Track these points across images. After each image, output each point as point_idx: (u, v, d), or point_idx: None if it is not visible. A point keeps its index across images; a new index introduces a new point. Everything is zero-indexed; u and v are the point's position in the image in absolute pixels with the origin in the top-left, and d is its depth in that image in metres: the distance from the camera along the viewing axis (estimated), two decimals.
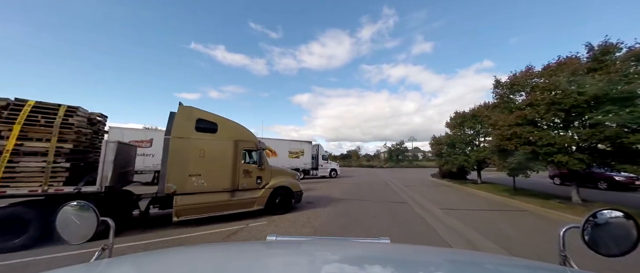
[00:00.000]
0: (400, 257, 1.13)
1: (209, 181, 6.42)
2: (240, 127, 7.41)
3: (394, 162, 58.45)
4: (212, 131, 6.70)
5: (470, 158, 14.42)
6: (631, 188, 14.11)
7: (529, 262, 1.03)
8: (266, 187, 7.53)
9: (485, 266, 1.01)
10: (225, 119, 7.11)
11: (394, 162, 58.13)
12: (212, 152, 6.55)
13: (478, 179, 15.87)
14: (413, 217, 7.92)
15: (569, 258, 0.98)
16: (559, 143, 7.55)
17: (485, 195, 12.48)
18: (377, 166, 55.44)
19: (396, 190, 14.24)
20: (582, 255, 1.19)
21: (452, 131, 16.18)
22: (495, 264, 1.05)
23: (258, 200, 7.27)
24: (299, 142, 21.26)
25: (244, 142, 7.23)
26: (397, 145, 61.38)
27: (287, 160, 19.91)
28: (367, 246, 1.26)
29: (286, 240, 1.44)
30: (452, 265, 1.06)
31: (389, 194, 12.66)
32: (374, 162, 63.98)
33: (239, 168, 7.00)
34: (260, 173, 7.47)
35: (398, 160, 59.17)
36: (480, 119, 13.83)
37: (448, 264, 1.07)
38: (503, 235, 6.06)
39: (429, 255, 1.21)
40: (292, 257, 1.11)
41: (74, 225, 1.07)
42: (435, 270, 0.98)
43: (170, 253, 1.16)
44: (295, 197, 8.22)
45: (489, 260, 1.12)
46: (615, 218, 0.93)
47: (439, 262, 1.09)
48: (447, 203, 10.32)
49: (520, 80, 9.27)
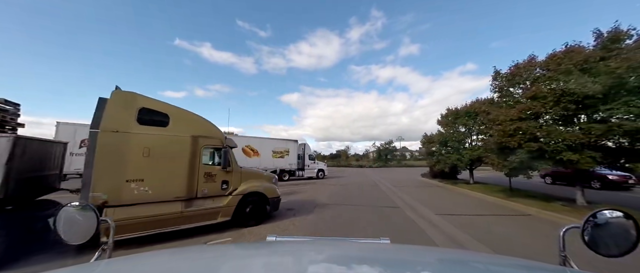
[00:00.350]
0: (400, 257, 1.12)
1: (156, 188, 5.03)
2: (201, 119, 6.04)
3: (383, 161, 58.09)
4: (161, 124, 5.32)
5: (463, 157, 13.63)
6: (624, 187, 13.78)
7: (529, 262, 1.02)
8: (234, 193, 6.20)
9: (485, 266, 1.01)
10: (181, 109, 5.74)
11: (382, 162, 57.76)
12: (161, 151, 5.17)
13: (470, 179, 15.15)
14: (408, 225, 6.86)
15: (568, 259, 0.98)
16: (569, 139, 6.69)
17: (480, 197, 11.66)
18: (366, 166, 54.81)
19: (386, 192, 13.22)
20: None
21: (445, 129, 15.37)
22: (495, 264, 1.05)
23: (223, 210, 5.94)
24: (283, 141, 19.87)
25: (206, 138, 5.88)
26: (386, 145, 61.04)
27: (270, 161, 18.51)
28: (367, 246, 1.27)
29: (286, 240, 1.44)
30: (452, 265, 1.06)
31: (379, 197, 11.60)
32: (363, 161, 63.44)
33: (198, 171, 5.65)
34: (227, 176, 6.13)
35: (387, 160, 58.88)
36: (475, 115, 13.05)
37: (448, 264, 1.07)
38: (514, 246, 5.10)
39: (429, 255, 1.22)
40: (292, 257, 1.11)
41: (74, 225, 1.07)
42: (435, 270, 0.99)
43: (170, 254, 1.23)
44: (271, 205, 6.94)
45: (489, 260, 1.11)
46: (615, 219, 0.92)
47: (439, 262, 1.09)
48: (443, 206, 9.36)
49: (522, 70, 8.42)
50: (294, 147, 20.12)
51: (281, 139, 19.85)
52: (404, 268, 0.96)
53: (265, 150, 18.28)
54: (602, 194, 12.28)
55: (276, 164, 18.81)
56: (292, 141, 20.29)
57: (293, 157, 19.91)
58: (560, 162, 7.15)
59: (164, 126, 5.33)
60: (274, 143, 19.06)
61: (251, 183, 6.60)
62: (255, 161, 17.59)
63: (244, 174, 6.60)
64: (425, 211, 8.54)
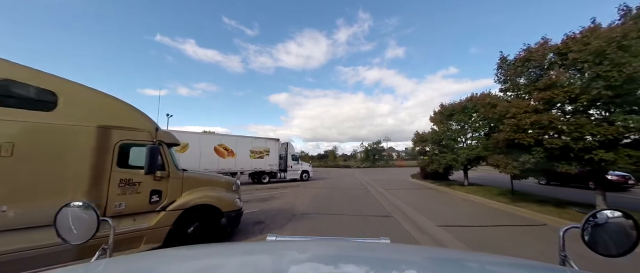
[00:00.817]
0: (400, 257, 1.11)
1: (22, 206, 3.18)
2: (118, 103, 4.17)
3: (371, 162, 57.18)
4: (42, 106, 3.46)
5: (459, 157, 12.40)
6: (624, 187, 13.11)
7: (529, 262, 1.01)
8: (169, 208, 4.41)
9: (485, 266, 1.01)
10: (83, 86, 3.86)
11: (370, 162, 56.85)
12: (38, 148, 3.33)
13: (465, 180, 14.00)
14: (406, 241, 5.35)
15: (568, 259, 0.97)
16: (603, 134, 5.40)
17: (481, 202, 10.40)
18: (354, 166, 53.62)
19: (376, 196, 11.76)
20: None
21: (439, 126, 14.11)
22: (495, 264, 1.04)
23: (149, 234, 4.12)
24: (263, 140, 17.97)
25: (124, 130, 4.06)
26: (374, 145, 60.13)
27: (248, 161, 16.59)
28: (367, 246, 1.25)
29: (286, 240, 1.42)
30: (452, 265, 1.05)
31: (368, 203, 10.07)
32: (350, 162, 62.35)
33: (108, 178, 3.83)
34: (159, 185, 4.33)
35: (374, 160, 58.02)
36: (473, 110, 11.82)
37: (448, 264, 1.06)
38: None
39: (428, 255, 1.22)
40: (292, 256, 1.10)
41: (74, 225, 1.06)
42: (435, 270, 0.99)
43: (170, 254, 1.20)
44: (229, 220, 5.18)
45: (490, 260, 1.10)
46: (615, 219, 0.91)
47: (438, 261, 1.09)
48: (443, 215, 7.95)
49: (535, 55, 7.14)
50: (275, 146, 18.30)
51: (261, 138, 17.93)
52: (404, 267, 0.97)
53: (242, 149, 16.35)
54: (615, 197, 11.37)
55: (255, 165, 16.94)
56: (273, 140, 18.46)
57: (274, 158, 18.09)
58: (590, 162, 5.88)
59: (47, 110, 3.48)
60: (252, 142, 17.14)
61: (198, 194, 4.82)
62: (230, 162, 15.64)
63: (188, 181, 4.81)
64: (423, 221, 7.07)
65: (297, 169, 19.77)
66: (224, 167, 15.24)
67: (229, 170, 15.63)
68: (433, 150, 13.66)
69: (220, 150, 15.25)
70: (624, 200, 10.95)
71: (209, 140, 15.06)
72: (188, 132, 14.80)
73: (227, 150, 15.57)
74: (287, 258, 1.05)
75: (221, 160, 15.17)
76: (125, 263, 0.97)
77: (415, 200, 10.64)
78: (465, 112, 12.40)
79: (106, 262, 0.96)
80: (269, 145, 17.93)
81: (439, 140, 13.54)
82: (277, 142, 18.61)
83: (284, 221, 7.03)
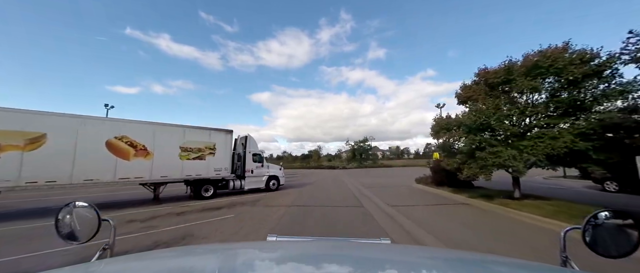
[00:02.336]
0: (400, 258, 1.09)
1: None
2: None
3: (358, 161, 52.22)
4: None
5: (524, 155, 7.15)
6: None
7: (529, 263, 0.98)
8: None
9: (486, 266, 1.00)
10: None
11: (357, 162, 51.87)
12: None
13: (515, 191, 8.89)
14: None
15: (569, 260, 0.95)
16: None
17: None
18: (340, 167, 48.27)
19: (380, 222, 6.31)
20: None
21: (485, 102, 8.50)
22: (496, 264, 1.03)
23: None
24: (204, 131, 11.77)
25: None
26: (361, 143, 55.21)
27: (176, 165, 10.48)
28: (367, 246, 1.24)
29: (286, 240, 1.42)
30: (452, 265, 1.04)
31: (370, 235, 4.54)
32: (335, 161, 57.02)
33: None
34: None
35: (361, 160, 53.13)
36: (556, 70, 6.59)
37: (449, 264, 1.04)
38: None
39: (429, 256, 1.20)
40: (292, 257, 1.10)
41: (75, 224, 1.04)
42: (436, 270, 0.97)
43: (171, 253, 1.22)
44: None
45: (490, 261, 1.08)
46: (616, 220, 0.88)
47: (439, 262, 1.07)
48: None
49: None
50: (224, 140, 12.26)
51: (199, 128, 11.71)
52: (404, 268, 0.95)
53: (166, 146, 10.22)
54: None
55: (190, 171, 10.84)
56: (222, 131, 12.36)
57: (223, 158, 12.07)
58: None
59: None
60: (184, 133, 10.96)
61: None
62: (142, 166, 9.50)
63: None
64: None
65: (261, 174, 13.79)
66: (127, 175, 9.10)
67: (138, 178, 9.49)
68: (471, 143, 8.21)
69: (119, 147, 9.06)
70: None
71: (98, 130, 8.82)
72: (48, 114, 8.21)
73: (135, 146, 9.40)
74: (288, 258, 1.06)
75: (122, 164, 9.01)
76: (126, 262, 0.98)
77: (451, 234, 5.27)
78: (538, 75, 7.13)
79: (107, 262, 0.96)
80: (215, 138, 11.88)
81: (483, 126, 8.17)
82: (229, 135, 12.57)
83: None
